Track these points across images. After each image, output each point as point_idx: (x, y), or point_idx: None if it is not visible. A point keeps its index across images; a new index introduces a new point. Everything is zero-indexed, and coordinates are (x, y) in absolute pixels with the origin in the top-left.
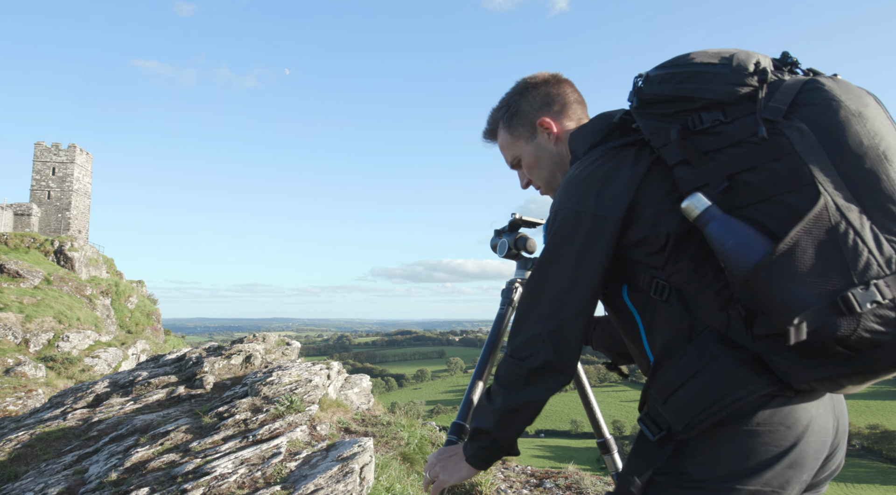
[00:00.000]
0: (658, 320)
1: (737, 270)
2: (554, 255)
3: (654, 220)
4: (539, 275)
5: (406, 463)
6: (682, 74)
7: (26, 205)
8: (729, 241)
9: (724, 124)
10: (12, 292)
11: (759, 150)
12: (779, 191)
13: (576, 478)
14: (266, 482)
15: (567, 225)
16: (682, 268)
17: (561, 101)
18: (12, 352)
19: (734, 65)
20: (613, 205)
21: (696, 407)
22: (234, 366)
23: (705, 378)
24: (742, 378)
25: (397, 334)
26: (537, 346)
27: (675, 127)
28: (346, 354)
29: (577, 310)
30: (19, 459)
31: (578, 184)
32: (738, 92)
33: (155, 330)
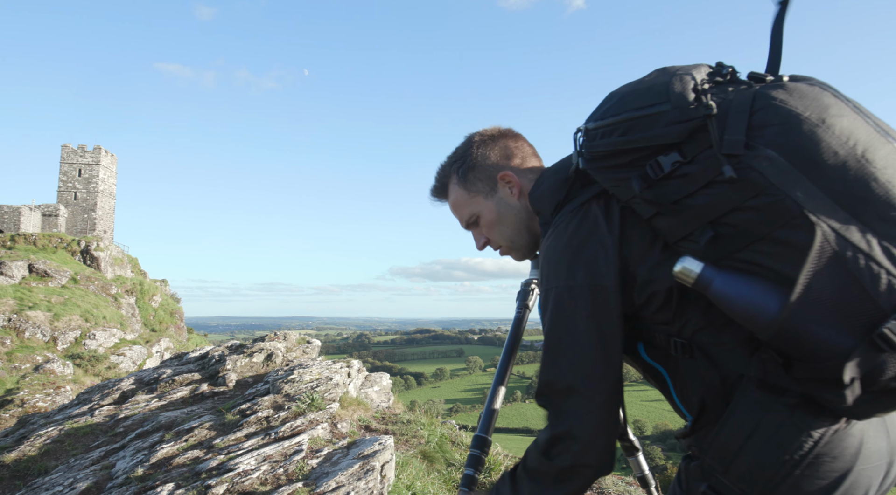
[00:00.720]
0: (685, 376)
1: (757, 330)
2: (561, 341)
3: (651, 277)
4: (551, 365)
5: (426, 461)
6: (622, 124)
7: (53, 206)
8: (738, 302)
9: (686, 165)
10: (41, 291)
11: (733, 189)
12: (770, 228)
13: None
14: (288, 479)
15: (565, 304)
16: (691, 318)
17: (520, 153)
18: (41, 349)
19: (672, 99)
20: (606, 271)
21: (765, 470)
22: (255, 363)
23: (763, 435)
24: (802, 426)
25: (416, 333)
26: (566, 443)
27: (635, 179)
28: (366, 353)
29: (603, 396)
30: (49, 454)
31: (561, 257)
32: (686, 130)
33: (178, 328)
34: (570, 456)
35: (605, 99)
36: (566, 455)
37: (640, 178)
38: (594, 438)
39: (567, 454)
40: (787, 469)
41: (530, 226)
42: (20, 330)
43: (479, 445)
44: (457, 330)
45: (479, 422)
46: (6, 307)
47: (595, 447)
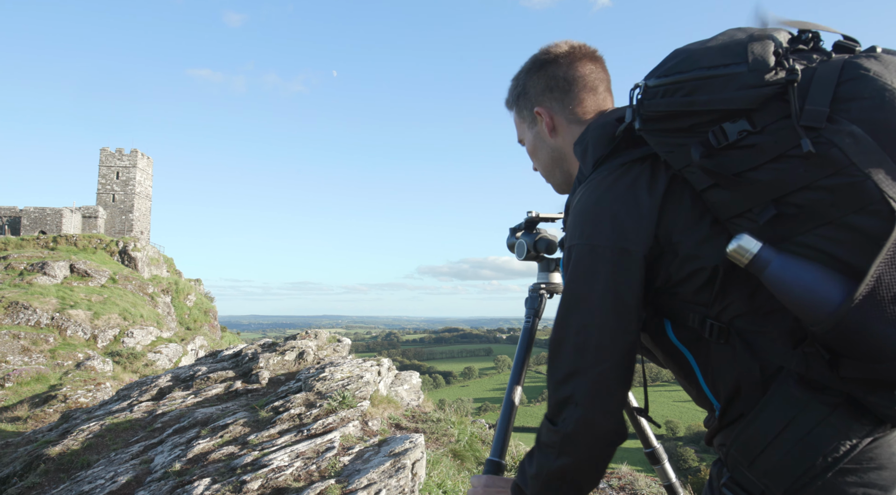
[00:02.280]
0: (718, 363)
1: (813, 322)
2: (574, 300)
3: (696, 253)
4: (562, 325)
5: (457, 459)
6: (689, 83)
7: (93, 208)
8: (795, 289)
9: (755, 134)
10: (82, 290)
11: (806, 166)
12: (841, 212)
13: (630, 479)
14: (321, 475)
15: (584, 263)
16: (733, 302)
17: (565, 85)
18: (82, 347)
19: (750, 61)
20: (635, 235)
21: (795, 469)
22: (287, 361)
23: (797, 433)
24: (840, 427)
25: (444, 331)
26: (570, 409)
27: (695, 145)
28: (395, 351)
29: (611, 361)
30: (91, 448)
31: (589, 214)
32: (762, 96)
33: (212, 326)
34: (573, 421)
35: (671, 54)
36: (570, 420)
37: (701, 145)
38: (599, 403)
39: (570, 419)
40: (819, 470)
41: (563, 166)
42: (62, 328)
43: (494, 470)
44: (485, 329)
45: (492, 445)
46: (49, 306)
47: (599, 411)
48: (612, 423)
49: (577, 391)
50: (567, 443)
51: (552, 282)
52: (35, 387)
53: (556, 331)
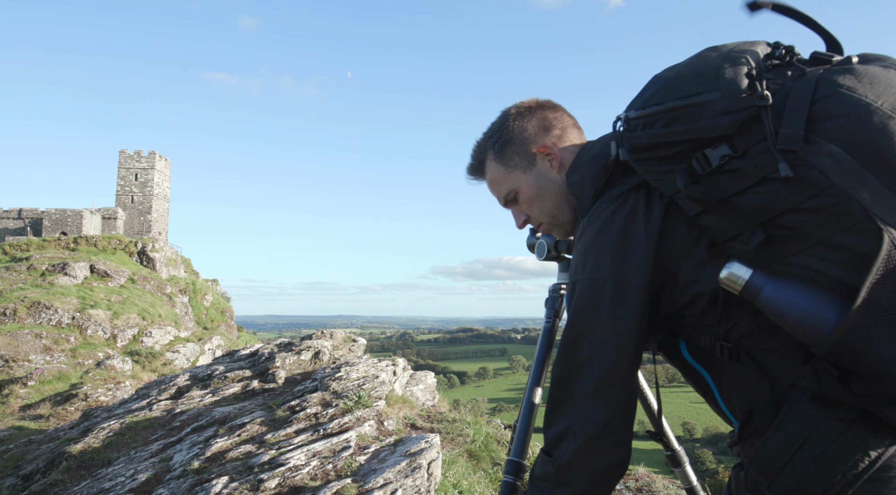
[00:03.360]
0: (732, 382)
1: (812, 344)
2: (577, 333)
3: (695, 277)
4: (565, 357)
5: (472, 460)
6: (666, 114)
7: (112, 210)
8: (790, 313)
9: (737, 159)
10: (102, 291)
11: (789, 188)
12: (829, 232)
13: (647, 481)
14: (337, 475)
15: (586, 297)
16: (739, 322)
17: (560, 125)
18: (102, 346)
19: (723, 87)
20: (636, 268)
21: (814, 488)
22: (303, 361)
23: (814, 451)
24: (857, 443)
25: (459, 332)
26: (568, 440)
27: (680, 173)
28: (409, 351)
29: (613, 392)
30: (111, 446)
31: (591, 248)
32: (737, 121)
33: (229, 326)
34: (570, 452)
35: (649, 83)
36: (567, 451)
37: (685, 173)
38: (599, 434)
39: (568, 451)
40: (839, 488)
41: (571, 200)
42: (83, 327)
43: (514, 470)
44: (500, 329)
45: (511, 446)
46: (70, 306)
47: (596, 445)
48: (613, 456)
49: (575, 422)
50: (563, 475)
51: None
52: (57, 386)
53: (557, 364)
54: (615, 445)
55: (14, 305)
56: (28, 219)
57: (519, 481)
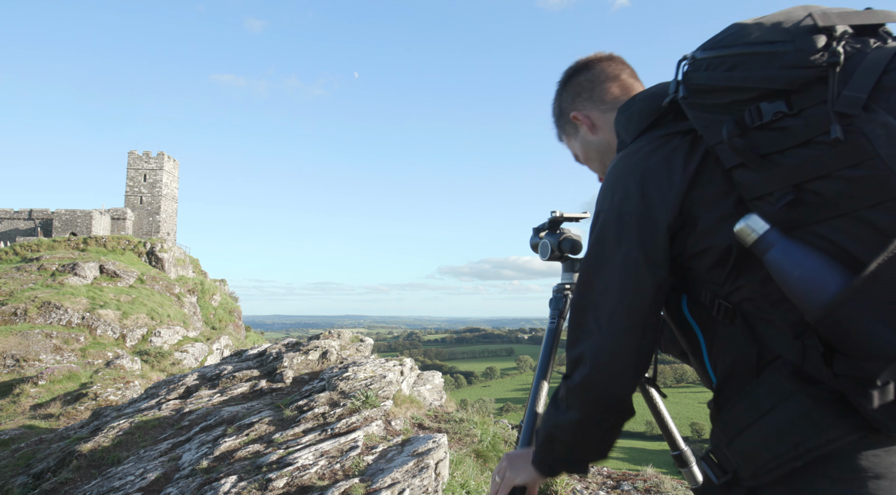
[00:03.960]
0: (721, 341)
1: (805, 309)
2: (597, 263)
3: (714, 229)
4: (583, 286)
5: (480, 460)
6: (732, 58)
7: (121, 210)
8: (794, 273)
9: (789, 117)
10: (111, 291)
11: (831, 154)
12: (859, 205)
13: (655, 482)
14: (345, 474)
15: (610, 228)
16: (743, 286)
17: (588, 85)
18: (111, 346)
19: (798, 40)
20: (662, 205)
21: (764, 453)
22: (311, 361)
23: (776, 419)
24: (819, 422)
25: (466, 332)
26: (581, 367)
27: (728, 123)
28: (416, 351)
29: (626, 324)
30: (121, 445)
31: (621, 181)
32: (803, 77)
33: (236, 326)
34: (579, 377)
35: (726, 27)
36: (577, 377)
37: (735, 123)
38: (607, 363)
39: (578, 376)
40: (787, 459)
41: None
42: (93, 327)
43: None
44: (507, 329)
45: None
46: (80, 306)
47: (607, 371)
48: (619, 386)
49: (588, 350)
50: (573, 397)
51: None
52: (67, 385)
53: (576, 293)
54: (622, 379)
55: (25, 305)
56: (38, 219)
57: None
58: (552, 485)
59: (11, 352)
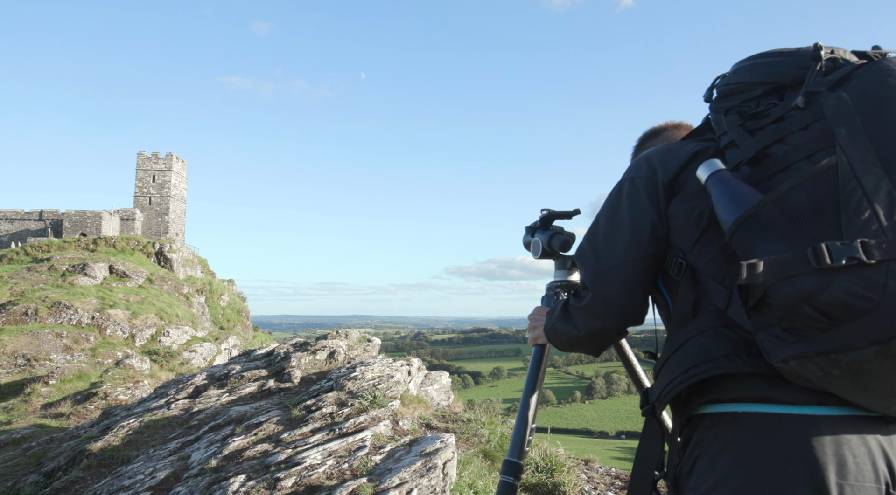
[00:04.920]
0: (677, 300)
1: (724, 224)
2: (607, 211)
3: (694, 195)
4: (593, 227)
5: (487, 460)
6: (754, 63)
7: (130, 211)
8: (724, 198)
9: (775, 106)
10: (120, 291)
11: (790, 122)
12: (797, 157)
13: None
14: (353, 474)
15: (622, 189)
16: (710, 251)
17: (665, 136)
18: (121, 345)
19: (800, 51)
20: (662, 172)
21: (666, 376)
22: (318, 361)
23: (686, 350)
24: (714, 350)
25: (473, 332)
26: (585, 292)
27: (734, 112)
28: (423, 351)
29: (621, 260)
30: (130, 444)
31: (640, 158)
32: (795, 73)
33: (244, 326)
34: (583, 302)
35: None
36: (582, 300)
37: (737, 111)
38: (604, 295)
39: (583, 299)
40: (680, 381)
41: None
42: (102, 327)
43: (513, 471)
44: (514, 329)
45: (510, 446)
46: (90, 306)
47: (602, 303)
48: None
49: (589, 277)
50: (578, 315)
51: (569, 281)
52: (77, 385)
53: (587, 235)
54: (618, 306)
55: (36, 305)
56: (49, 220)
57: (517, 481)
58: (560, 486)
59: (23, 351)
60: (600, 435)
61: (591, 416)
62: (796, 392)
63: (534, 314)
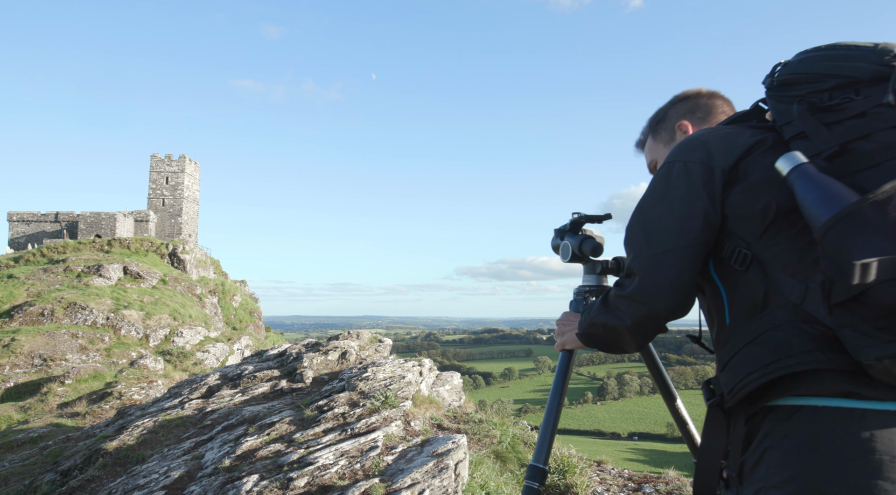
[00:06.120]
0: (739, 291)
1: (816, 221)
2: (655, 195)
3: (759, 186)
4: (640, 212)
5: (499, 461)
6: (824, 55)
7: (144, 212)
8: (813, 194)
9: (852, 101)
10: (134, 292)
11: (877, 119)
12: (888, 156)
13: (677, 484)
14: (365, 474)
15: (674, 172)
16: (779, 243)
17: (706, 109)
18: (135, 346)
19: (878, 47)
20: (721, 158)
21: (741, 370)
22: (330, 361)
23: (762, 344)
24: (796, 346)
25: (484, 332)
26: (631, 279)
27: (799, 102)
28: (434, 352)
29: (670, 247)
30: (145, 444)
31: (693, 141)
32: (874, 70)
33: (257, 326)
34: (628, 289)
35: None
36: (628, 287)
37: (807, 103)
38: (653, 281)
39: (628, 287)
40: (757, 375)
41: None
42: (117, 327)
43: (537, 476)
44: (525, 329)
45: (535, 450)
46: (105, 306)
47: (651, 289)
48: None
49: (636, 265)
50: (623, 303)
51: (599, 285)
52: (92, 384)
53: (635, 217)
54: (665, 295)
55: (52, 306)
56: (64, 222)
57: (542, 486)
58: (573, 488)
59: (39, 351)
60: (612, 437)
61: (602, 417)
62: (881, 388)
63: (562, 319)
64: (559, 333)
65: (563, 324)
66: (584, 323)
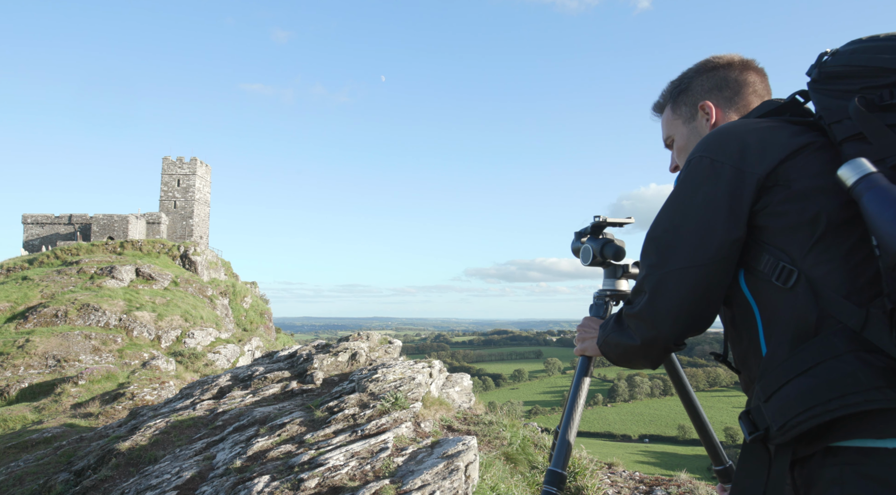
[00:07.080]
0: (779, 312)
1: (890, 240)
2: (676, 201)
3: (805, 195)
4: (657, 221)
5: (509, 463)
6: (884, 45)
7: (156, 215)
8: (887, 212)
9: None
10: (146, 293)
11: None
12: None
13: (689, 487)
14: (375, 475)
15: (698, 172)
16: (830, 260)
17: (735, 87)
18: (147, 347)
19: None
20: (757, 162)
21: (796, 406)
22: (340, 362)
23: (818, 376)
24: (862, 381)
25: (493, 334)
26: (641, 295)
27: (857, 99)
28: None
29: (687, 263)
30: (157, 444)
31: (723, 136)
32: None
33: (267, 328)
34: (636, 308)
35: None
36: (636, 306)
37: (863, 100)
38: (661, 302)
39: (637, 306)
40: (818, 412)
41: None
42: (129, 329)
43: (556, 481)
44: (534, 331)
45: (552, 456)
46: (117, 308)
47: (659, 311)
48: (670, 323)
49: (648, 282)
50: (633, 323)
51: (618, 290)
52: (105, 385)
53: (652, 227)
54: (675, 317)
55: (65, 307)
56: (78, 224)
57: (560, 492)
58: (584, 490)
59: (53, 352)
60: (623, 439)
61: (613, 419)
62: None
63: (583, 325)
64: (580, 339)
65: (583, 330)
66: (601, 338)
